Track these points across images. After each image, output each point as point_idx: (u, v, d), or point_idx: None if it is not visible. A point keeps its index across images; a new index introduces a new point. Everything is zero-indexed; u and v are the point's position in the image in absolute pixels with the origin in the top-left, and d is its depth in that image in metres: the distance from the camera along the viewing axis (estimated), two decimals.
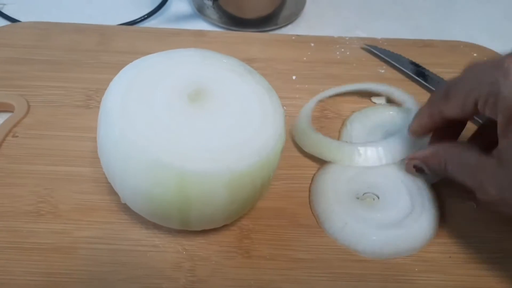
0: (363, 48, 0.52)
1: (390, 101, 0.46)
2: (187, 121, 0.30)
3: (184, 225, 0.32)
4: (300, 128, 0.42)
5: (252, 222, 0.36)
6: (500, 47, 0.54)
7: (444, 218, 0.37)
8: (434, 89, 0.47)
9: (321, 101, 0.45)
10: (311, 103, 0.45)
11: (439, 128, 0.37)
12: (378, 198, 0.38)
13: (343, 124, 0.44)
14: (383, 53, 0.50)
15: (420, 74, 0.49)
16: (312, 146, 0.41)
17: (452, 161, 0.34)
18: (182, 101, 0.31)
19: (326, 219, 0.36)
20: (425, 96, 0.47)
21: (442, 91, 0.34)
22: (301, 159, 0.41)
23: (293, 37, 0.53)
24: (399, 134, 0.40)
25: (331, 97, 0.46)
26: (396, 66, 0.50)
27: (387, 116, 0.44)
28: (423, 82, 0.48)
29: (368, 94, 0.47)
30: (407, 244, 0.35)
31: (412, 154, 0.38)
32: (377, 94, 0.46)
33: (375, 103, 0.46)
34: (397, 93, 0.45)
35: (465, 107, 0.32)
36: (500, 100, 0.29)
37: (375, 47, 0.51)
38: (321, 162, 0.40)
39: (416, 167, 0.37)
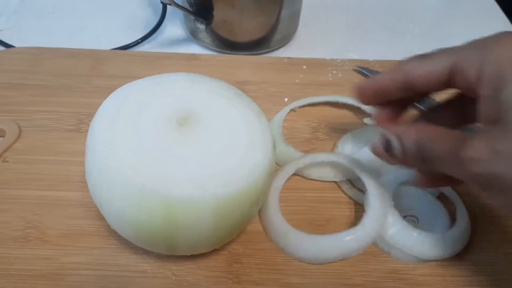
0: (354, 70, 0.52)
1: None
2: (174, 147, 0.30)
3: (171, 250, 0.31)
4: None
5: (242, 246, 0.36)
6: None
7: None
8: (424, 109, 0.47)
9: (293, 110, 0.47)
10: (283, 112, 0.46)
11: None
12: (418, 221, 0.38)
13: (335, 145, 0.44)
14: (373, 75, 0.51)
15: None
16: (282, 158, 0.42)
17: (435, 137, 0.29)
18: (170, 126, 0.31)
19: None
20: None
21: (419, 55, 0.32)
22: (292, 180, 0.41)
23: (285, 60, 0.53)
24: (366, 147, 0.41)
25: (316, 106, 0.46)
26: None
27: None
28: (416, 104, 0.48)
29: (360, 115, 0.47)
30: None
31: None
32: (364, 114, 0.46)
33: (366, 124, 0.46)
34: (364, 106, 0.46)
35: (441, 68, 0.31)
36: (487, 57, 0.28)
37: (367, 69, 0.51)
38: (314, 184, 0.40)
39: (386, 141, 0.32)
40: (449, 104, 0.35)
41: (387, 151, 0.32)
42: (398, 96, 0.34)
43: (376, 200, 0.37)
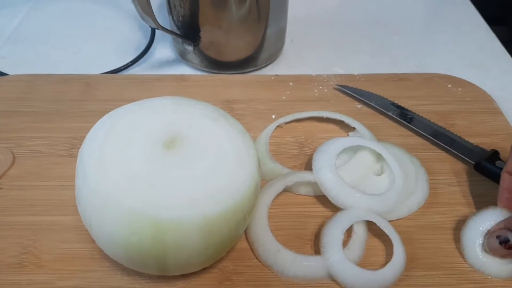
0: (335, 89, 0.53)
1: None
2: (162, 170, 0.31)
3: (162, 270, 0.32)
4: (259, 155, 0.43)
5: (232, 263, 0.37)
6: (474, 77, 0.55)
7: None
8: (405, 122, 0.48)
9: (279, 126, 0.48)
10: (269, 129, 0.47)
11: None
12: None
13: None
14: (354, 92, 0.52)
15: (390, 108, 0.50)
16: (269, 175, 0.43)
17: None
18: (157, 149, 0.32)
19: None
20: (395, 129, 0.49)
21: None
22: (280, 195, 0.41)
23: (272, 77, 0.55)
24: (351, 160, 0.42)
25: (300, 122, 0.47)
26: (367, 103, 0.51)
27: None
28: (394, 116, 0.49)
29: (345, 130, 0.48)
30: None
31: (492, 228, 0.36)
32: (349, 127, 0.47)
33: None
34: (348, 120, 0.47)
35: None
36: None
37: (346, 87, 0.52)
38: (301, 199, 0.41)
39: (501, 240, 0.34)
40: None
41: (504, 245, 0.34)
42: None
43: (360, 227, 0.38)
